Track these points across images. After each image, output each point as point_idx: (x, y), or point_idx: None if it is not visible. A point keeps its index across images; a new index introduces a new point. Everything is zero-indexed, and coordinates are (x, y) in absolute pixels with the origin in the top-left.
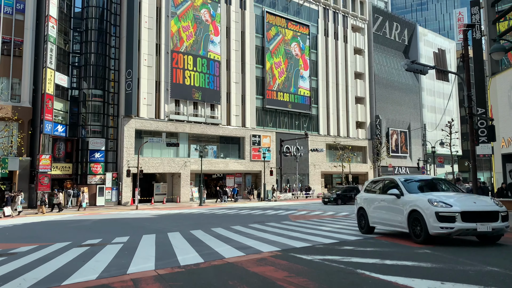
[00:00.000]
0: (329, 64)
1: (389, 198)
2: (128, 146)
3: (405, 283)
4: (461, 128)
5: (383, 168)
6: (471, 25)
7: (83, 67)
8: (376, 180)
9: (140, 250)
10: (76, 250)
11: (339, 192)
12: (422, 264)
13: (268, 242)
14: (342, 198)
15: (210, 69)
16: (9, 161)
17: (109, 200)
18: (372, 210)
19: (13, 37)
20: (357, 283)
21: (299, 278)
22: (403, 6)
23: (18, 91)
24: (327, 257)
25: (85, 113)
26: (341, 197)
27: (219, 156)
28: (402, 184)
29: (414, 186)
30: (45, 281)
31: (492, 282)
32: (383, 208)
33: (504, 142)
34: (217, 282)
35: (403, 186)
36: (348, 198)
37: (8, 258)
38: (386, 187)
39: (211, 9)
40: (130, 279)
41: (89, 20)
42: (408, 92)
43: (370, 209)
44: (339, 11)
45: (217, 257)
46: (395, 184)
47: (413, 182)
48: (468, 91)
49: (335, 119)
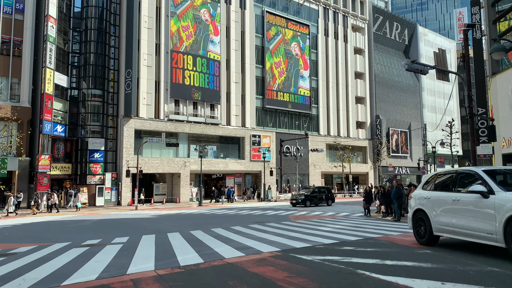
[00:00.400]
0: (329, 64)
1: (468, 197)
2: (128, 146)
3: (406, 283)
4: (461, 128)
5: (383, 168)
6: (471, 25)
7: (83, 67)
8: (442, 173)
9: (140, 251)
10: (75, 251)
11: (307, 194)
12: (423, 264)
13: (268, 242)
14: (311, 200)
15: (210, 69)
16: (8, 161)
17: (108, 200)
18: (438, 213)
19: (12, 37)
20: (357, 283)
21: (299, 278)
22: (403, 5)
23: (18, 91)
24: (327, 258)
25: (84, 113)
26: (310, 199)
27: (219, 156)
28: (489, 177)
29: (509, 180)
30: (45, 281)
31: (493, 283)
32: (458, 211)
33: (505, 142)
34: (217, 283)
35: (492, 181)
36: (318, 200)
37: (7, 258)
38: (460, 181)
39: (211, 9)
40: (130, 279)
41: (88, 20)
42: (409, 92)
43: (435, 212)
44: (339, 10)
45: (217, 257)
46: (477, 177)
47: (506, 175)
48: (469, 91)
49: (335, 119)
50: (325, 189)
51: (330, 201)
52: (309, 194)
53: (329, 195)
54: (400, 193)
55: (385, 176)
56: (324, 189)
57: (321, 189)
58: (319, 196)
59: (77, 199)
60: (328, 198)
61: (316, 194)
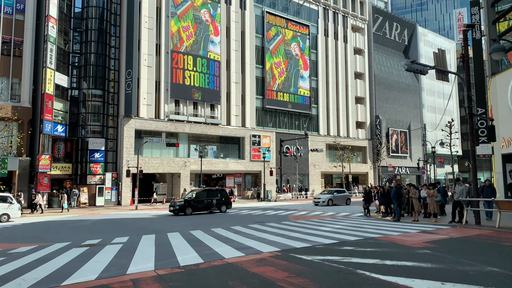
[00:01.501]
0: (329, 64)
1: None
2: (128, 146)
3: (405, 283)
4: (461, 128)
5: (383, 168)
6: (471, 25)
7: (83, 67)
8: None
9: (139, 251)
10: (75, 250)
11: (190, 198)
12: (422, 264)
13: (268, 242)
14: (194, 206)
15: (210, 69)
16: (8, 161)
17: (108, 200)
18: None
19: (13, 37)
20: (357, 283)
21: (299, 278)
22: (403, 6)
23: (18, 91)
24: (327, 258)
25: (85, 113)
26: (193, 205)
27: (219, 156)
28: None
29: None
30: (45, 281)
31: (492, 282)
32: None
33: (504, 142)
34: (217, 283)
35: None
36: (205, 207)
37: (7, 258)
38: None
39: (211, 9)
40: (129, 279)
41: (89, 20)
42: (408, 92)
43: None
44: (339, 11)
45: (217, 257)
46: None
47: None
48: (468, 91)
49: (335, 119)
50: (218, 192)
51: (224, 207)
52: (193, 199)
53: (223, 199)
54: (399, 193)
55: (385, 176)
56: (217, 192)
57: (211, 192)
58: (207, 201)
59: (64, 200)
60: (222, 204)
61: (202, 199)
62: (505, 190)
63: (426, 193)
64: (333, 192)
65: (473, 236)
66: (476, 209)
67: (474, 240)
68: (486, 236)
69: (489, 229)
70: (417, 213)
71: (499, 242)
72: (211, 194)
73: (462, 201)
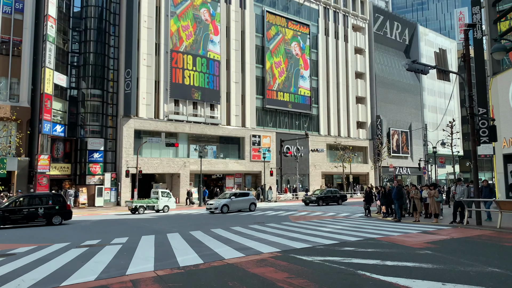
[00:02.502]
0: (330, 64)
1: None
2: (127, 146)
3: (406, 284)
4: (462, 128)
5: (384, 168)
6: (472, 25)
7: (82, 66)
8: None
9: (139, 251)
10: (75, 251)
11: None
12: (423, 265)
13: (268, 243)
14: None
15: (210, 68)
16: (7, 162)
17: (108, 200)
18: None
19: (12, 37)
20: (358, 284)
21: (299, 279)
22: (404, 5)
23: (17, 91)
24: (328, 258)
25: (84, 113)
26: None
27: (219, 156)
28: None
29: None
30: (44, 282)
31: (493, 283)
32: None
33: (506, 142)
34: (217, 283)
35: None
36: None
37: (7, 259)
38: None
39: (210, 9)
40: (129, 280)
41: (88, 20)
42: (409, 92)
43: None
44: (339, 10)
45: (217, 258)
46: None
47: None
48: (469, 91)
49: (335, 119)
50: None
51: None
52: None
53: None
54: (400, 194)
55: (385, 176)
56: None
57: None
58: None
59: None
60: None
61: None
62: (507, 191)
63: (427, 193)
64: (231, 196)
65: (474, 236)
66: (476, 209)
67: (475, 240)
68: (487, 236)
69: (490, 230)
70: (419, 214)
71: (500, 243)
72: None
73: (463, 201)
